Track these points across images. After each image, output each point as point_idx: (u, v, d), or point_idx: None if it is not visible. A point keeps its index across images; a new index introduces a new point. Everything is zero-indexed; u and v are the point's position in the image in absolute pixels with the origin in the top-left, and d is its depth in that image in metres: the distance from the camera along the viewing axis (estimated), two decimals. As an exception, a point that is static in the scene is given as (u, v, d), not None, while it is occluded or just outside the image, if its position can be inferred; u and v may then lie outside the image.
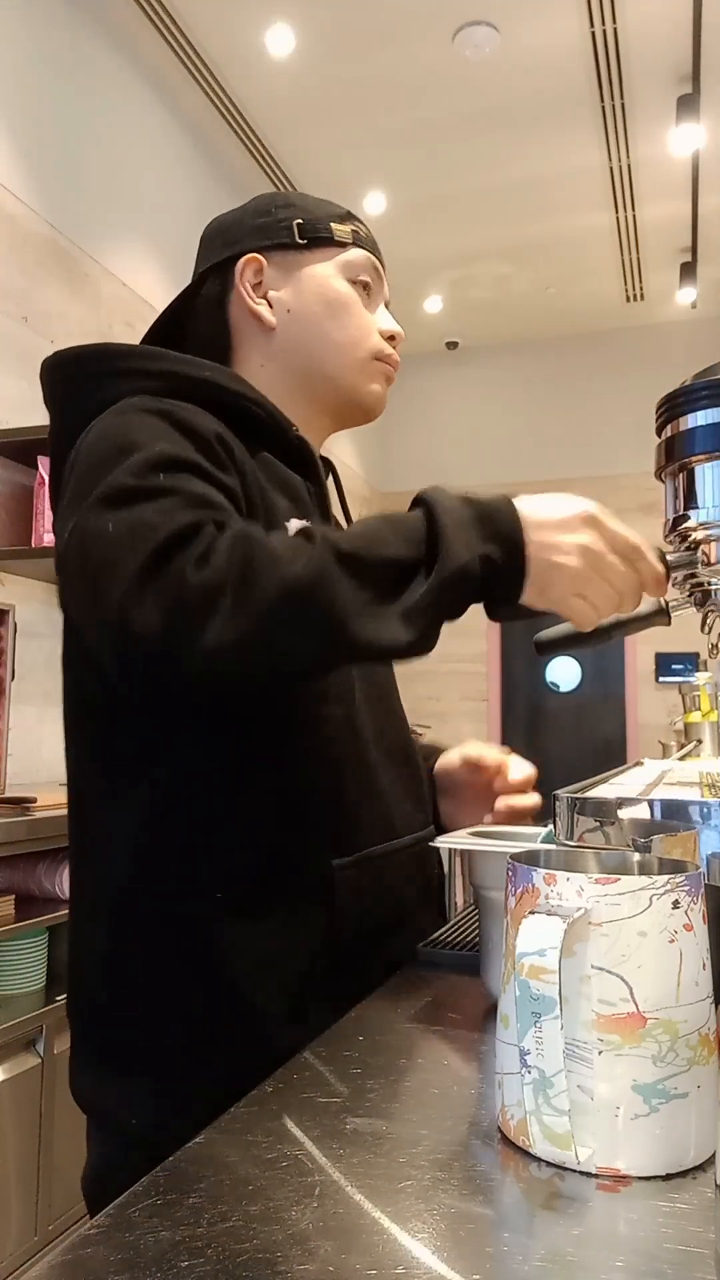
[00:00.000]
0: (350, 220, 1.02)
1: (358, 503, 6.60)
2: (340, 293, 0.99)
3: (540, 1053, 0.47)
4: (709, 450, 0.80)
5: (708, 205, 5.14)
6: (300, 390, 1.00)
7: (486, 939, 0.75)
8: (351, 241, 1.00)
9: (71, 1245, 0.42)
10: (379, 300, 1.04)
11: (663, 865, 0.56)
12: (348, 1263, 0.40)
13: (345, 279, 0.99)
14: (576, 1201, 0.45)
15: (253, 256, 0.98)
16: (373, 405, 1.04)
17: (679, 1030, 0.47)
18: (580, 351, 6.78)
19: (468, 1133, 0.53)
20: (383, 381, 1.04)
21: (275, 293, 0.99)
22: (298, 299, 0.99)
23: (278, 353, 0.99)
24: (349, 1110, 0.55)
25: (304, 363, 0.99)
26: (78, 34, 3.58)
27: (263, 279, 0.99)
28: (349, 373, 1.00)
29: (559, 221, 5.41)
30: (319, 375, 0.99)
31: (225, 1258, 0.40)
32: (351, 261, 1.00)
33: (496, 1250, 0.41)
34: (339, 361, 0.99)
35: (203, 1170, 0.48)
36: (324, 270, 0.99)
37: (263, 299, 0.99)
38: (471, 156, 4.75)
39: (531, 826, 0.85)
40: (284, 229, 0.99)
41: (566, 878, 0.49)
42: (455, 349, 7.03)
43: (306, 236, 0.99)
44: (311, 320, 0.98)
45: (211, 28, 3.90)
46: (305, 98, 4.28)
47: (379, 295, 1.04)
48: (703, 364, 0.85)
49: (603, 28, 3.90)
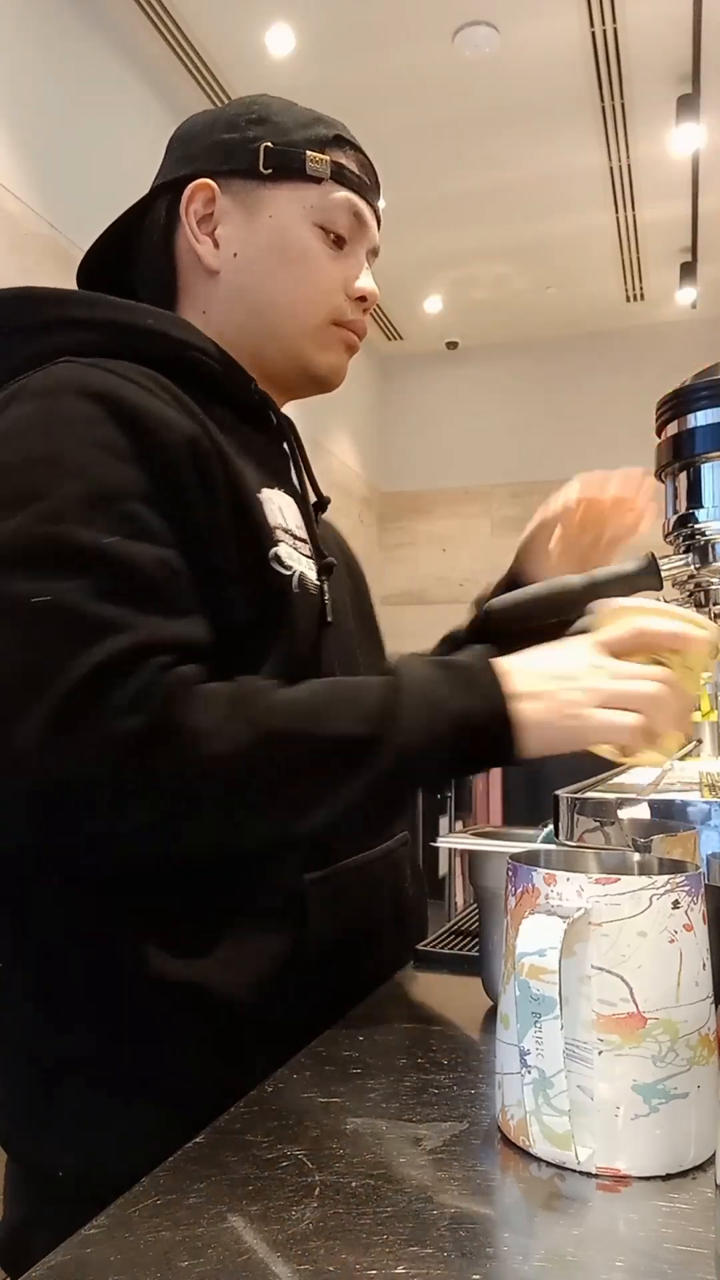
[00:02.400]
0: (336, 147, 0.84)
1: (357, 502, 6.62)
2: (298, 242, 0.82)
3: (540, 1053, 0.47)
4: (709, 450, 0.80)
5: (708, 205, 5.14)
6: (243, 348, 0.84)
7: (486, 939, 0.75)
8: (329, 176, 0.82)
9: (71, 1245, 0.42)
10: (358, 251, 0.86)
11: (663, 865, 0.56)
12: (348, 1263, 0.40)
13: (311, 223, 0.83)
14: (576, 1201, 0.45)
15: (204, 182, 0.82)
16: (326, 376, 0.88)
17: (679, 1030, 0.47)
18: (580, 351, 6.78)
19: (468, 1133, 0.53)
20: (341, 350, 0.87)
21: (225, 229, 0.83)
22: (248, 241, 0.83)
23: (220, 301, 0.84)
24: (349, 1110, 0.55)
25: (246, 319, 0.84)
26: (78, 34, 3.58)
27: (214, 210, 0.83)
28: (298, 337, 0.84)
29: (559, 221, 5.40)
30: (263, 335, 0.84)
31: (225, 1258, 0.40)
32: (322, 204, 0.82)
33: (496, 1250, 0.41)
34: (286, 324, 0.84)
35: (203, 1170, 0.48)
36: (286, 211, 0.82)
37: (209, 235, 0.83)
38: (471, 156, 4.75)
39: (528, 829, 0.85)
40: (247, 152, 0.82)
41: (566, 878, 0.49)
42: (455, 349, 7.03)
43: (272, 165, 0.81)
44: (259, 270, 0.83)
45: (211, 28, 3.90)
46: (305, 98, 4.25)
47: (359, 244, 0.86)
48: (703, 364, 0.85)
49: (603, 28, 3.90)
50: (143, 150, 4.07)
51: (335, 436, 6.19)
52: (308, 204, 0.82)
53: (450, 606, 5.54)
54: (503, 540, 6.86)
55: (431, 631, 1.17)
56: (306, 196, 0.82)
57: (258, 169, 0.81)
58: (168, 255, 0.85)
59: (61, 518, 0.63)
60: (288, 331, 0.84)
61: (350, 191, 0.84)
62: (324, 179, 0.82)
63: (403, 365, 7.15)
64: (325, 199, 0.82)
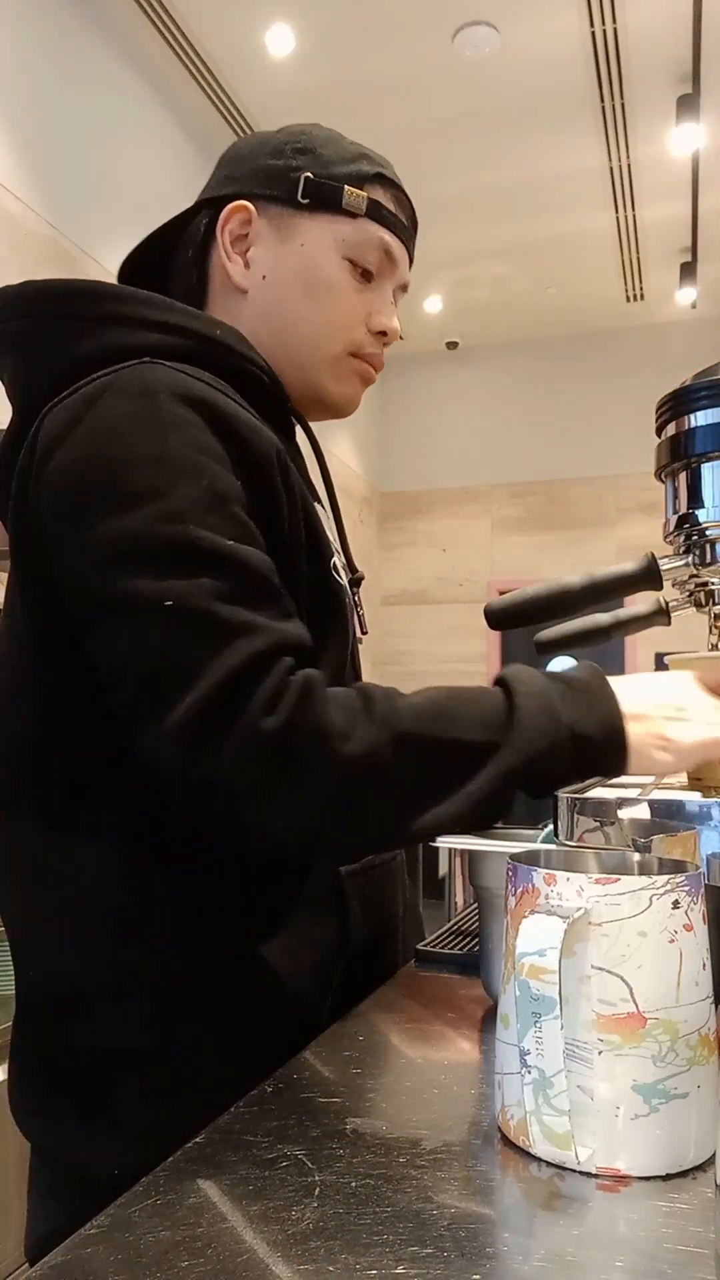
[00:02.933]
0: (376, 184, 0.86)
1: (357, 502, 6.62)
2: (325, 272, 0.85)
3: (540, 1053, 0.47)
4: (709, 450, 0.80)
5: (708, 205, 5.14)
6: None
7: (486, 939, 0.75)
8: (363, 213, 0.84)
9: (71, 1245, 0.42)
10: (385, 287, 0.88)
11: (663, 865, 0.56)
12: (348, 1263, 0.40)
13: (341, 256, 0.85)
14: (576, 1201, 0.45)
15: (242, 204, 0.85)
16: (340, 405, 0.90)
17: (679, 1030, 0.47)
18: (580, 351, 6.78)
19: (468, 1133, 0.53)
20: (356, 382, 0.89)
21: (257, 251, 0.85)
22: (278, 266, 0.85)
23: (245, 320, 0.85)
24: (349, 1110, 0.55)
25: (269, 340, 0.85)
26: (78, 34, 3.58)
27: (249, 231, 0.85)
28: (315, 366, 0.86)
29: (559, 221, 5.40)
30: (283, 358, 0.85)
31: (225, 1258, 0.40)
32: (354, 238, 0.84)
33: (496, 1250, 0.41)
34: (306, 350, 0.86)
35: (203, 1170, 0.48)
36: (318, 241, 0.84)
37: (241, 255, 0.85)
38: (471, 156, 4.75)
39: (528, 829, 0.85)
40: (288, 180, 0.84)
41: (566, 878, 0.49)
42: (455, 349, 7.03)
43: (310, 196, 0.84)
44: (285, 296, 0.85)
45: (211, 27, 3.90)
46: (305, 98, 4.28)
47: (386, 280, 0.88)
48: (703, 364, 0.85)
49: (603, 28, 3.90)
50: (143, 150, 4.08)
51: (335, 436, 6.19)
52: (340, 236, 0.84)
53: (450, 606, 5.59)
54: (503, 540, 6.87)
55: (431, 631, 1.16)
56: (340, 229, 0.84)
57: (296, 197, 0.84)
58: (200, 269, 0.88)
59: (182, 518, 0.64)
60: (306, 358, 0.86)
61: (383, 229, 0.86)
62: (358, 214, 0.84)
63: (403, 365, 7.15)
64: (358, 234, 0.84)
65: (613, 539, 6.55)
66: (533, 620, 0.91)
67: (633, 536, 6.46)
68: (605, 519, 6.62)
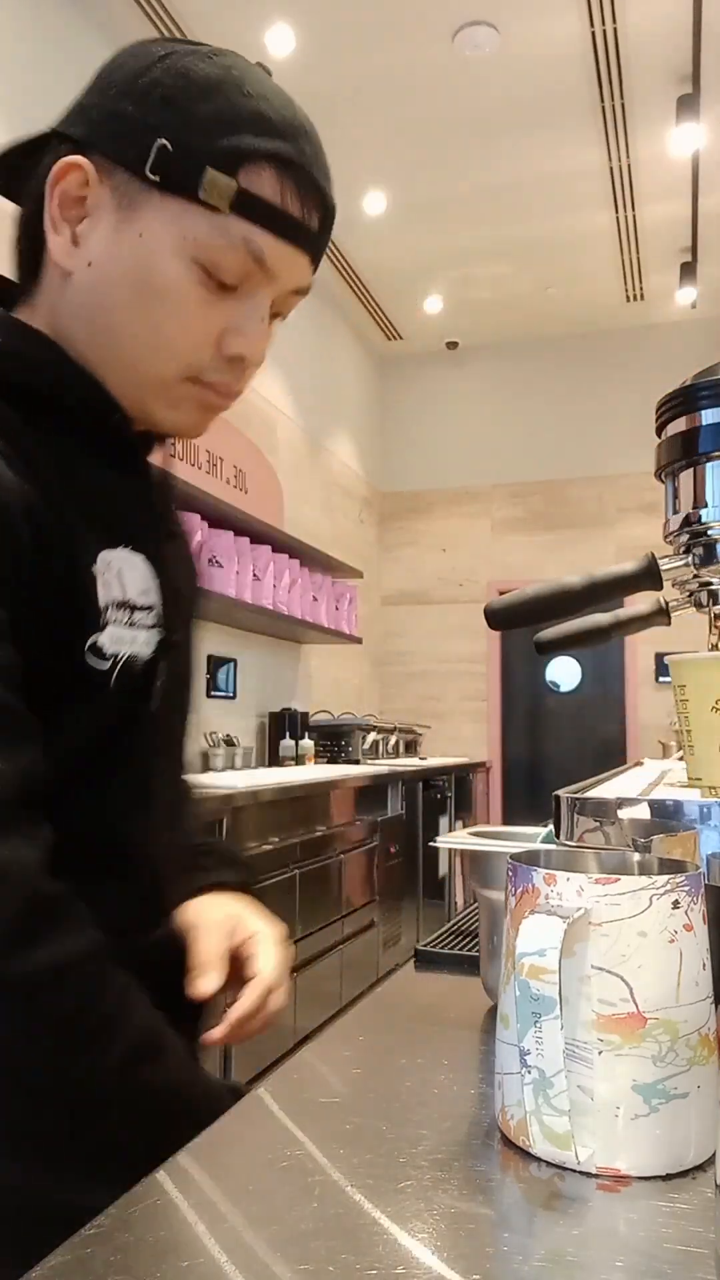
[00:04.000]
0: (263, 164, 0.64)
1: (357, 502, 6.62)
2: (164, 274, 0.64)
3: (540, 1053, 0.47)
4: (710, 450, 0.80)
5: (708, 205, 5.14)
6: (91, 369, 0.69)
7: (486, 939, 0.75)
8: (227, 207, 0.63)
9: (71, 1245, 0.42)
10: (255, 297, 0.68)
11: (663, 865, 0.56)
12: (348, 1263, 0.40)
13: (189, 257, 0.64)
14: (576, 1201, 0.45)
15: (76, 161, 0.64)
16: (172, 431, 0.73)
17: (679, 1030, 0.47)
18: (580, 351, 6.78)
19: (468, 1133, 0.53)
20: (193, 410, 0.71)
21: (88, 227, 0.66)
22: (109, 255, 0.65)
23: (66, 306, 0.68)
24: (349, 1110, 0.55)
25: (92, 339, 0.68)
26: (77, 33, 3.58)
27: (86, 196, 0.65)
28: (140, 386, 0.68)
29: (559, 221, 5.40)
30: (107, 365, 0.68)
31: (225, 1258, 0.40)
32: (209, 238, 0.64)
33: (496, 1250, 0.41)
34: (126, 368, 0.68)
35: (203, 1170, 0.48)
36: (161, 233, 0.64)
37: (71, 226, 0.66)
38: (471, 156, 4.75)
39: (528, 829, 0.85)
40: (140, 142, 0.63)
41: (566, 878, 0.49)
42: (455, 349, 7.03)
43: (159, 171, 0.63)
44: (110, 294, 0.66)
45: (211, 28, 3.90)
46: (305, 98, 4.26)
47: (256, 289, 0.68)
48: (703, 364, 0.85)
49: (603, 28, 3.90)
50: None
51: (335, 436, 6.19)
52: (190, 233, 0.64)
53: (450, 606, 5.61)
54: (503, 540, 6.87)
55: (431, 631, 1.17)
56: (192, 223, 0.64)
57: (144, 169, 0.63)
58: (37, 224, 0.67)
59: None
60: (127, 375, 0.68)
61: (256, 227, 0.65)
62: (219, 209, 0.63)
63: (403, 365, 7.15)
64: (214, 233, 0.64)
65: (613, 539, 6.55)
66: (533, 620, 0.91)
67: (633, 536, 6.46)
68: (605, 519, 6.62)
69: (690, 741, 0.73)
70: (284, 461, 5.31)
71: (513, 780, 6.73)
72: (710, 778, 0.73)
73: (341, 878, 3.75)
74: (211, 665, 4.36)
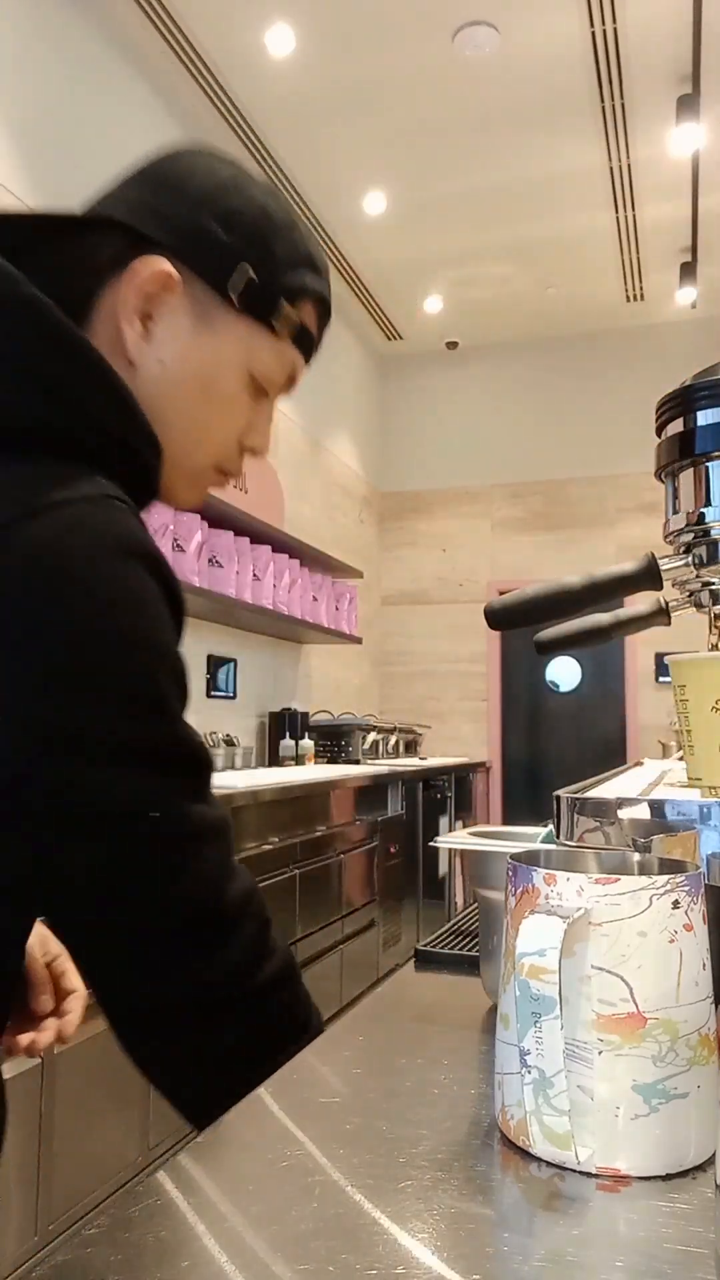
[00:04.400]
0: (311, 303, 0.78)
1: (357, 502, 6.62)
2: (229, 383, 0.76)
3: (540, 1053, 0.47)
4: (710, 450, 0.80)
5: (708, 205, 5.14)
6: None
7: (486, 939, 0.75)
8: (289, 338, 0.77)
9: (71, 1245, 0.42)
10: (271, 402, 0.81)
11: (663, 865, 0.56)
12: (348, 1263, 0.40)
13: (247, 371, 0.76)
14: (576, 1201, 0.45)
15: (168, 271, 0.72)
16: (179, 506, 0.82)
17: (679, 1030, 0.47)
18: (580, 351, 6.78)
19: (468, 1133, 0.53)
20: (205, 491, 0.81)
21: (164, 328, 0.74)
22: (181, 357, 0.74)
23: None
24: (349, 1110, 0.55)
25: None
26: (78, 34, 3.58)
27: (163, 298, 0.73)
28: (174, 469, 0.76)
29: (559, 221, 5.40)
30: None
31: (225, 1258, 0.40)
32: (268, 357, 0.77)
33: (496, 1250, 0.41)
34: (175, 458, 0.76)
35: (203, 1170, 0.48)
36: (232, 347, 0.75)
37: (144, 321, 0.73)
38: (471, 156, 4.75)
39: (528, 829, 0.85)
40: (226, 266, 0.73)
41: (566, 878, 0.49)
42: (455, 349, 7.03)
43: (245, 299, 0.74)
44: (176, 392, 0.75)
45: (211, 28, 3.90)
46: (305, 98, 4.28)
47: (277, 398, 0.81)
48: (703, 364, 0.85)
49: (603, 28, 3.90)
50: (142, 149, 4.06)
51: (335, 436, 6.20)
52: (255, 350, 0.76)
53: (450, 606, 5.59)
54: (503, 540, 6.87)
55: (431, 631, 1.17)
56: (259, 343, 0.76)
57: (228, 291, 0.73)
58: (88, 299, 0.73)
59: (176, 715, 0.65)
60: (168, 459, 0.75)
61: (300, 354, 0.79)
62: (283, 337, 0.76)
63: (403, 365, 7.15)
64: (274, 354, 0.77)
65: (613, 539, 6.55)
66: (533, 620, 0.91)
67: (633, 536, 6.46)
68: (605, 519, 6.62)
69: (690, 741, 0.73)
70: (284, 461, 5.31)
71: (513, 780, 6.73)
72: (710, 778, 0.73)
73: (341, 878, 3.76)
74: (211, 665, 4.36)
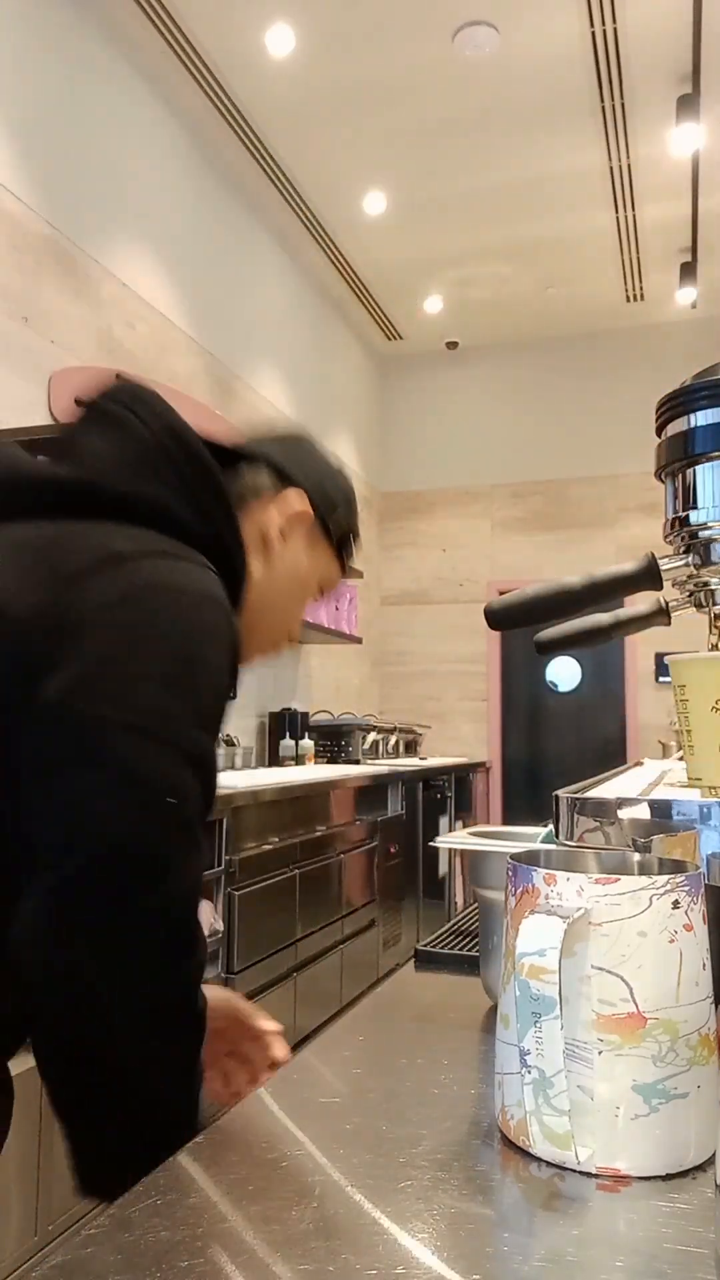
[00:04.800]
0: (355, 541, 1.14)
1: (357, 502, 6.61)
2: (308, 588, 1.09)
3: (540, 1053, 0.47)
4: (709, 450, 0.80)
5: (708, 205, 5.14)
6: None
7: (486, 939, 0.75)
8: (340, 568, 1.13)
9: (71, 1245, 0.42)
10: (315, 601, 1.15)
11: (663, 865, 0.56)
12: (348, 1263, 0.40)
13: (315, 582, 1.09)
14: (576, 1201, 0.45)
15: (306, 509, 1.05)
16: (249, 662, 1.06)
17: (679, 1030, 0.47)
18: (580, 351, 6.78)
19: (468, 1133, 0.53)
20: (270, 656, 1.11)
21: (292, 539, 1.05)
22: (291, 561, 1.06)
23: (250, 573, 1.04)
24: (349, 1110, 0.55)
25: (247, 601, 1.01)
26: (78, 34, 3.58)
27: (289, 520, 1.04)
28: (258, 639, 1.05)
29: (559, 221, 5.40)
30: (244, 616, 0.99)
31: (225, 1258, 0.40)
32: (329, 576, 1.12)
33: (496, 1250, 0.41)
34: (262, 629, 1.05)
35: (203, 1170, 0.48)
36: (314, 566, 1.08)
37: (283, 532, 1.04)
38: (471, 156, 4.75)
39: (528, 829, 0.85)
40: (329, 515, 1.08)
41: (566, 878, 0.49)
42: (455, 349, 7.02)
43: (335, 538, 1.09)
44: (279, 584, 1.05)
45: (211, 28, 3.90)
46: (305, 98, 4.28)
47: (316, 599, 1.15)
48: (703, 364, 0.85)
49: (603, 28, 3.90)
50: (143, 149, 4.07)
51: (335, 436, 6.19)
52: (324, 570, 1.10)
53: (450, 606, 5.59)
54: (503, 540, 6.87)
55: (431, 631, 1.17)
56: (329, 566, 1.10)
57: (328, 529, 1.08)
58: (244, 503, 1.02)
59: (216, 733, 0.81)
60: (257, 632, 1.03)
61: (343, 577, 1.15)
62: (340, 567, 1.12)
63: (403, 365, 7.14)
64: (332, 573, 1.12)
65: (613, 539, 6.55)
66: (533, 620, 0.91)
67: (633, 536, 6.46)
68: (605, 519, 6.62)
69: (690, 741, 0.73)
70: (284, 461, 5.29)
71: (513, 780, 6.73)
72: (710, 778, 0.73)
73: (341, 878, 3.75)
74: (211, 665, 4.35)
